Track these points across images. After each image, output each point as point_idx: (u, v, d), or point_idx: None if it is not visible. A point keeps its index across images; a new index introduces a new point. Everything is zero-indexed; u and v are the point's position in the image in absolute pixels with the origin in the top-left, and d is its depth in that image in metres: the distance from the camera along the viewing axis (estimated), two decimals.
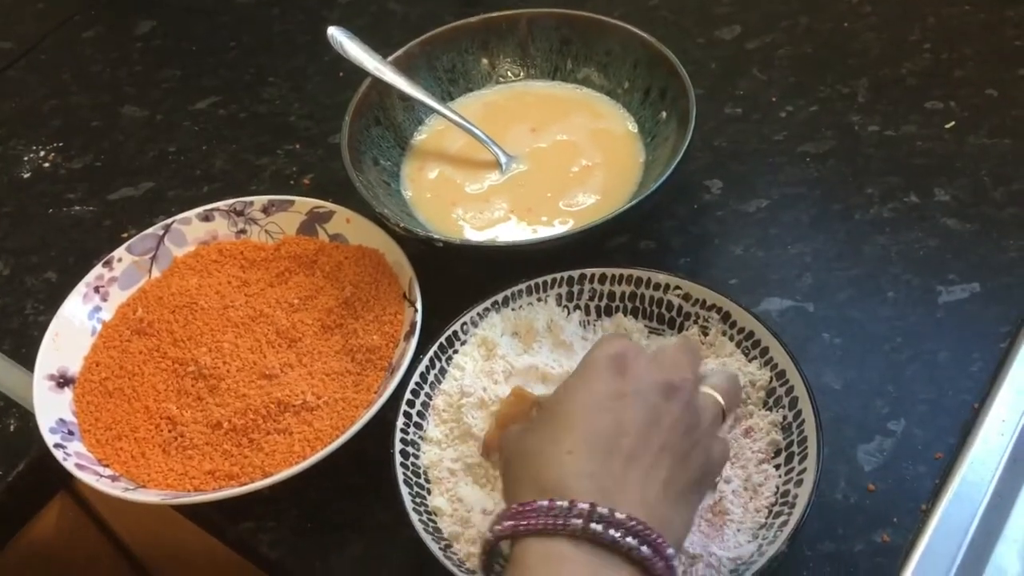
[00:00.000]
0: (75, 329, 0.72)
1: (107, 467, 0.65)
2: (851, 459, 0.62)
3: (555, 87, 0.85)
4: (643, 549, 0.45)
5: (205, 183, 0.88)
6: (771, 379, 0.62)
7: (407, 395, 0.63)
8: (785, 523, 0.55)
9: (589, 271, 0.68)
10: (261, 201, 0.77)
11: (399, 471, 0.60)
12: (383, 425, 0.62)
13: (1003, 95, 0.82)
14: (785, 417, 0.60)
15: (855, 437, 0.63)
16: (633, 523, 0.45)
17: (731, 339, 0.64)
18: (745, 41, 0.91)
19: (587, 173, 0.78)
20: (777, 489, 0.58)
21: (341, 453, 0.61)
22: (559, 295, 0.68)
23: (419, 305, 0.68)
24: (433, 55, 0.84)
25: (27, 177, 0.92)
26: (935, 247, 0.72)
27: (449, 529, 0.59)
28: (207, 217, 0.77)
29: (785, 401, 0.60)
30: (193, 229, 0.77)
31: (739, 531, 0.57)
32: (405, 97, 0.82)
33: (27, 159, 0.94)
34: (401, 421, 0.62)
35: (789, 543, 0.53)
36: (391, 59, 0.82)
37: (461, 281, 0.71)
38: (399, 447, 0.61)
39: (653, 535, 0.45)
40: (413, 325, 0.67)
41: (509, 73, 0.86)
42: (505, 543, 0.49)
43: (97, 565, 0.87)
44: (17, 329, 0.78)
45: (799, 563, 0.58)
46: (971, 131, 0.79)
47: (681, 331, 0.67)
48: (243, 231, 0.77)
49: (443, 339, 0.66)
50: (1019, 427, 0.63)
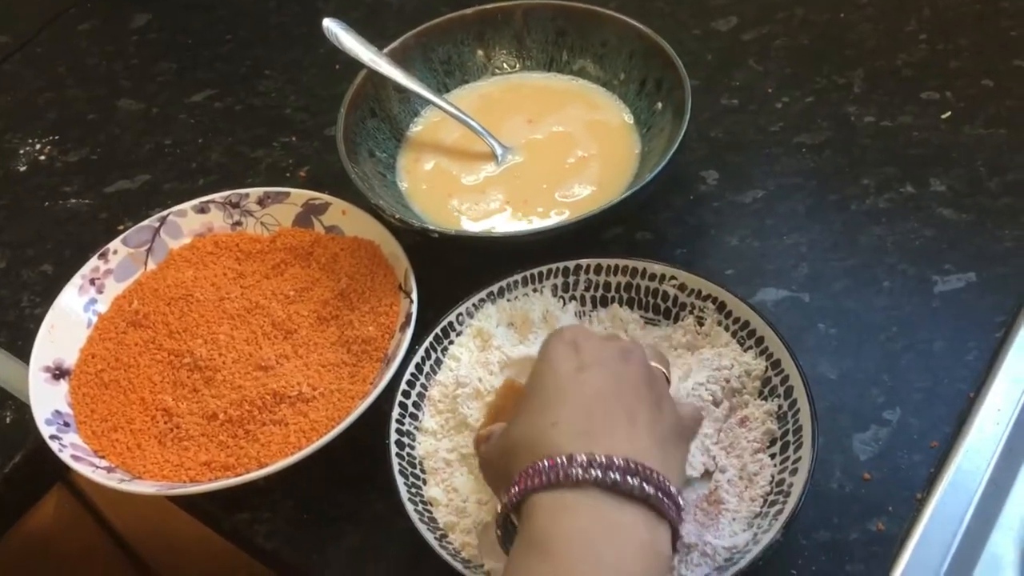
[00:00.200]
0: (71, 321, 0.72)
1: (103, 458, 0.65)
2: (847, 448, 0.62)
3: (551, 78, 0.85)
4: (646, 487, 0.46)
5: (201, 176, 0.88)
6: (767, 369, 0.62)
7: (403, 386, 0.63)
8: (780, 512, 0.55)
9: (585, 262, 0.68)
10: (257, 193, 0.77)
11: (395, 462, 0.60)
12: (379, 416, 0.62)
13: (999, 85, 0.82)
14: (780, 407, 0.60)
15: (851, 426, 0.63)
16: (632, 465, 0.46)
17: (727, 329, 0.64)
18: (741, 32, 0.91)
19: (583, 164, 0.78)
20: (772, 478, 0.58)
21: (337, 444, 0.61)
22: (555, 286, 0.68)
23: (415, 296, 0.68)
24: (429, 47, 0.84)
25: (23, 170, 0.92)
26: (931, 237, 0.72)
27: (445, 519, 0.59)
28: (203, 209, 0.77)
29: (780, 391, 0.60)
30: (189, 221, 0.77)
31: (734, 520, 0.57)
32: (401, 89, 0.82)
33: (23, 152, 0.94)
34: (397, 412, 0.62)
35: (784, 532, 0.53)
36: (387, 51, 0.82)
37: (457, 272, 0.71)
38: (395, 438, 0.61)
39: (653, 473, 0.47)
40: (409, 316, 0.67)
41: (505, 65, 0.86)
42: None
43: (94, 556, 0.87)
44: (13, 322, 0.78)
45: (794, 552, 0.58)
46: (967, 121, 0.79)
47: (677, 321, 0.67)
48: (239, 223, 0.77)
49: (439, 330, 0.66)
50: (1014, 416, 0.63)
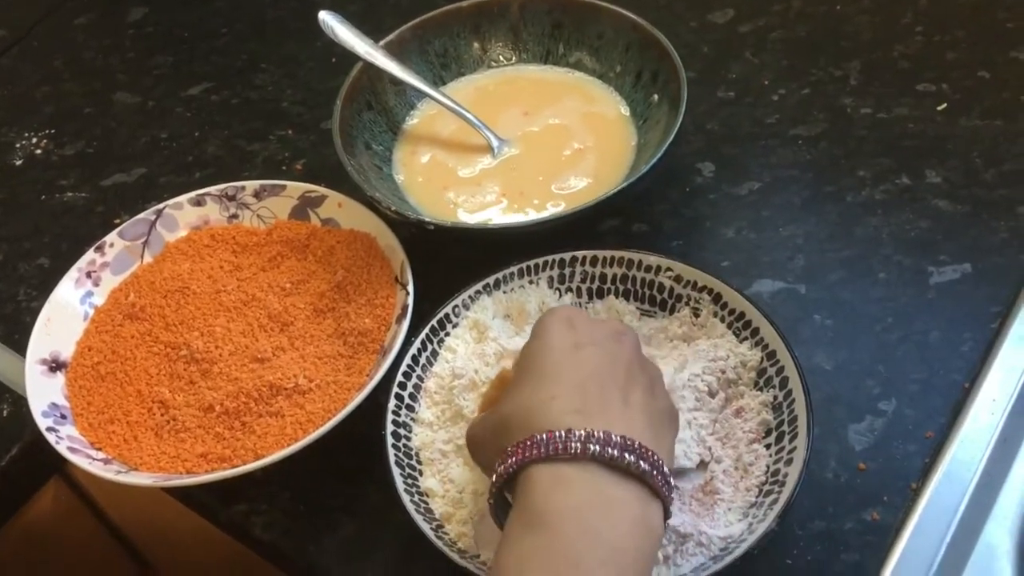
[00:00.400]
0: (67, 314, 0.72)
1: (99, 450, 0.65)
2: (842, 439, 0.62)
3: (547, 71, 0.85)
4: (641, 464, 0.47)
5: (197, 169, 0.88)
6: (762, 359, 0.62)
7: (399, 377, 0.63)
8: (775, 501, 0.55)
9: (581, 254, 0.68)
10: (253, 186, 0.77)
11: (391, 453, 0.60)
12: (375, 407, 0.62)
13: (995, 77, 0.82)
14: (776, 397, 0.60)
15: (846, 417, 0.63)
16: (628, 442, 0.47)
17: (722, 320, 0.64)
18: (738, 24, 0.91)
19: (579, 156, 0.78)
20: (767, 468, 0.58)
21: (333, 436, 0.61)
22: (551, 278, 0.68)
23: (411, 288, 0.68)
24: (425, 39, 0.84)
25: (19, 164, 0.92)
26: (926, 228, 0.72)
27: (441, 510, 0.59)
28: (199, 202, 0.77)
29: (776, 381, 0.61)
30: (185, 214, 0.77)
31: (729, 510, 0.57)
32: (397, 82, 0.82)
33: (19, 146, 0.93)
34: (393, 403, 0.62)
35: (779, 521, 0.54)
36: (383, 44, 0.81)
37: (453, 264, 0.72)
38: (391, 429, 0.61)
39: (649, 452, 0.48)
40: (405, 308, 0.67)
41: (501, 57, 0.86)
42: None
43: (91, 549, 0.87)
44: (10, 315, 0.78)
45: (790, 541, 0.58)
46: (963, 113, 0.79)
47: (673, 313, 0.67)
48: (235, 216, 0.77)
49: (435, 322, 0.66)
50: (1009, 407, 0.63)
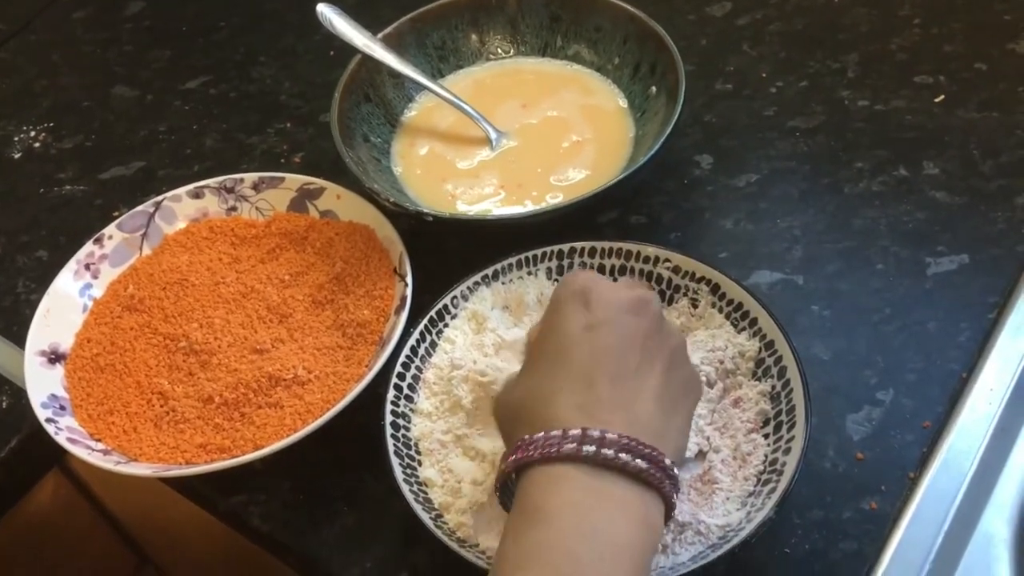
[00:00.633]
0: (66, 306, 0.72)
1: (99, 441, 0.65)
2: (840, 428, 0.62)
3: (545, 63, 0.85)
4: (638, 462, 0.47)
5: (196, 162, 0.88)
6: (760, 350, 0.62)
7: (398, 368, 0.63)
8: (773, 491, 0.55)
9: (579, 245, 0.68)
10: (251, 178, 0.77)
11: (390, 443, 0.60)
12: (374, 398, 0.62)
13: (992, 69, 0.82)
14: (774, 387, 0.60)
15: (844, 407, 0.63)
16: (625, 440, 0.47)
17: (720, 311, 0.65)
18: (736, 17, 0.91)
19: (577, 148, 0.78)
20: (766, 458, 0.58)
21: (332, 426, 0.62)
22: (549, 269, 0.68)
23: (409, 280, 0.68)
24: (423, 32, 0.84)
25: (18, 157, 0.92)
26: (924, 219, 0.73)
27: (440, 499, 0.59)
28: (197, 194, 0.77)
29: (774, 371, 0.61)
30: (183, 206, 0.77)
31: (728, 499, 0.57)
32: (395, 74, 0.82)
33: (17, 139, 0.93)
34: (392, 394, 0.62)
35: (777, 510, 0.54)
36: (381, 36, 0.82)
37: (451, 256, 0.72)
38: (390, 419, 0.61)
39: (646, 449, 0.47)
40: (404, 299, 0.67)
41: (499, 50, 0.86)
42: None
43: (90, 541, 0.87)
44: (9, 307, 0.78)
45: (788, 530, 0.58)
46: (960, 105, 0.80)
47: (671, 304, 0.67)
48: (233, 208, 0.77)
49: (433, 313, 0.66)
50: (1006, 396, 0.63)
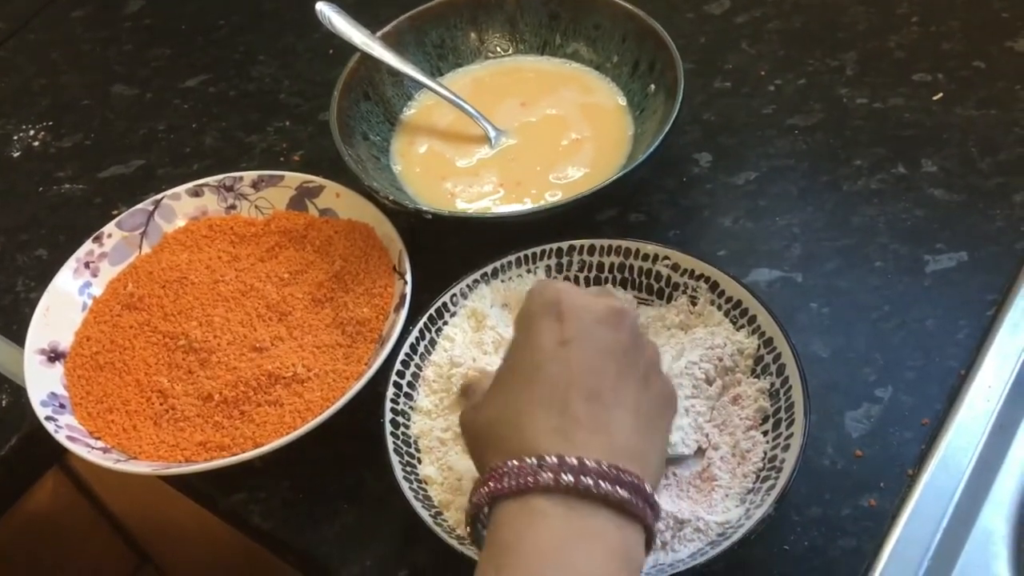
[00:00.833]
0: (66, 304, 0.72)
1: (98, 439, 0.65)
2: (839, 426, 0.63)
3: (544, 62, 0.86)
4: (619, 491, 0.44)
5: (195, 161, 0.88)
6: (759, 347, 0.62)
7: (397, 366, 0.64)
8: (772, 488, 0.55)
9: (578, 243, 0.68)
10: (251, 176, 0.77)
11: (389, 441, 0.60)
12: (374, 396, 0.62)
13: (990, 67, 0.82)
14: (773, 384, 0.61)
15: (843, 404, 0.63)
16: (606, 468, 0.45)
17: (719, 308, 0.65)
18: (734, 15, 0.91)
19: (576, 146, 0.78)
20: (765, 455, 0.58)
21: (332, 424, 0.62)
22: (548, 266, 0.68)
23: (409, 278, 0.68)
24: (422, 30, 0.84)
25: (17, 156, 0.92)
26: (922, 217, 0.73)
27: (440, 497, 0.59)
28: (197, 193, 0.78)
29: (773, 368, 0.61)
30: (183, 205, 0.77)
31: (727, 496, 0.57)
32: (394, 72, 0.82)
33: (17, 138, 0.94)
34: (391, 392, 0.62)
35: (776, 507, 0.54)
36: (380, 34, 0.82)
37: (451, 254, 0.72)
38: (389, 417, 0.61)
39: (627, 476, 0.45)
40: (403, 297, 0.67)
41: (498, 48, 0.86)
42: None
43: (90, 540, 0.87)
44: (8, 306, 0.78)
45: (787, 527, 0.59)
46: (958, 102, 0.80)
47: (670, 301, 0.67)
48: (233, 206, 0.77)
49: (433, 311, 0.66)
50: (1005, 393, 0.63)
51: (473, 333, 0.66)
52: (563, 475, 0.44)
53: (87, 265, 0.74)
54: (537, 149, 0.79)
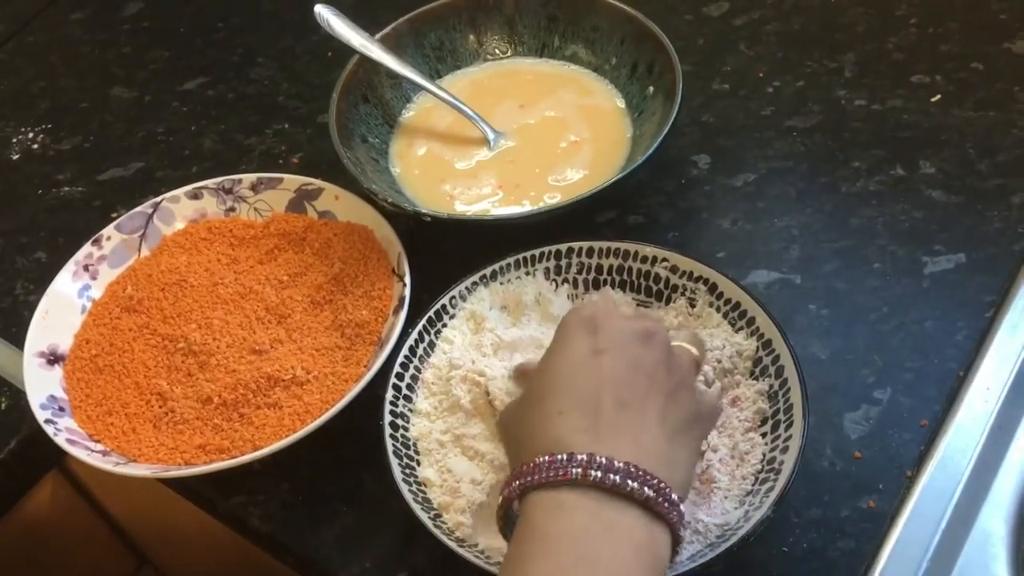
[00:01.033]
0: (65, 307, 0.72)
1: (98, 442, 0.65)
2: (837, 427, 0.63)
3: (543, 64, 0.86)
4: (646, 490, 0.46)
5: (194, 163, 0.88)
6: (757, 349, 0.62)
7: (396, 368, 0.64)
8: (771, 489, 0.56)
9: (577, 245, 0.68)
10: (250, 179, 0.77)
11: (389, 443, 0.60)
12: (373, 398, 0.62)
13: (988, 68, 0.82)
14: (771, 386, 0.61)
15: (841, 406, 0.64)
16: (633, 468, 0.46)
17: (718, 310, 0.65)
18: (733, 17, 0.91)
19: (575, 149, 0.78)
20: (763, 456, 0.58)
21: (331, 427, 0.62)
22: (547, 269, 0.68)
23: (408, 280, 0.68)
24: (421, 33, 0.84)
25: (16, 159, 0.92)
26: (921, 219, 0.73)
27: (439, 499, 0.59)
28: (196, 195, 0.78)
29: (771, 370, 0.61)
30: (182, 207, 0.77)
31: (726, 498, 0.58)
32: (393, 75, 0.82)
33: (16, 141, 0.94)
34: (390, 394, 0.62)
35: (775, 509, 0.54)
36: (378, 37, 0.82)
37: (450, 256, 0.72)
38: (388, 419, 0.61)
39: (653, 479, 0.47)
40: (402, 299, 0.67)
41: (497, 50, 0.87)
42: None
43: (89, 543, 0.87)
44: (7, 308, 0.78)
45: (786, 529, 0.59)
46: (956, 104, 0.80)
47: (669, 303, 0.67)
48: (232, 209, 0.77)
49: (432, 313, 0.66)
50: (1003, 394, 0.63)
51: (472, 335, 0.66)
52: (592, 471, 0.46)
53: (86, 268, 0.74)
54: (536, 151, 0.79)
